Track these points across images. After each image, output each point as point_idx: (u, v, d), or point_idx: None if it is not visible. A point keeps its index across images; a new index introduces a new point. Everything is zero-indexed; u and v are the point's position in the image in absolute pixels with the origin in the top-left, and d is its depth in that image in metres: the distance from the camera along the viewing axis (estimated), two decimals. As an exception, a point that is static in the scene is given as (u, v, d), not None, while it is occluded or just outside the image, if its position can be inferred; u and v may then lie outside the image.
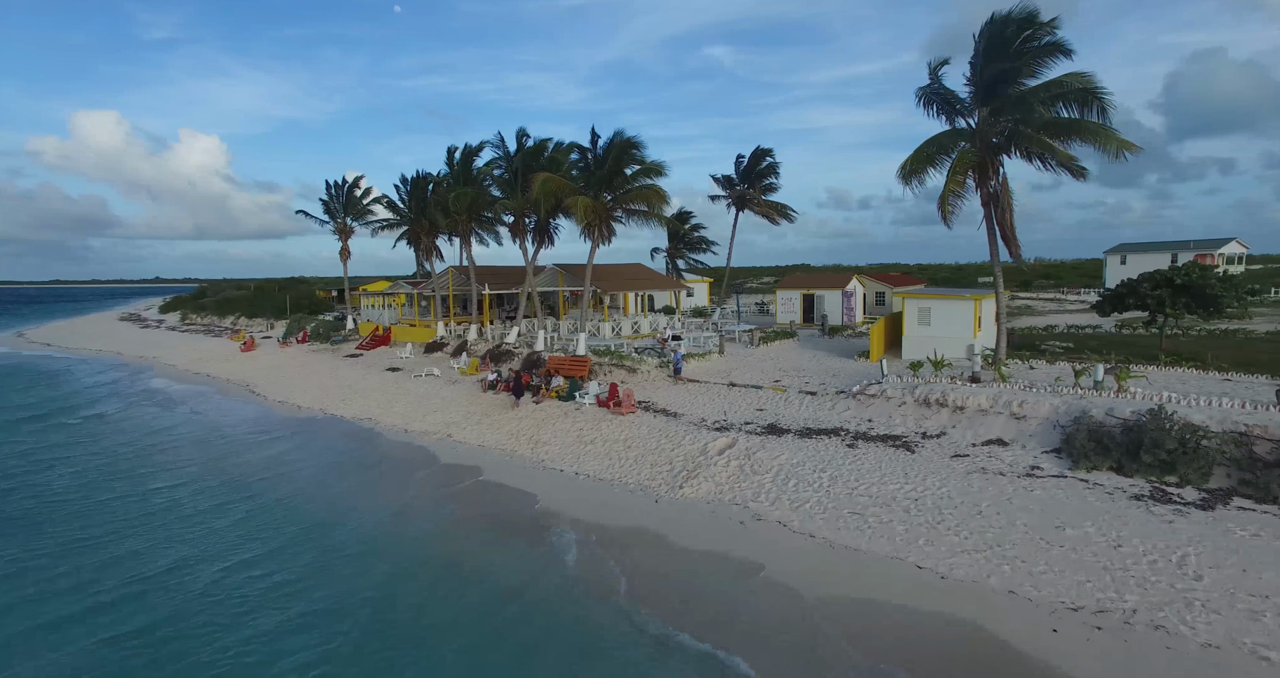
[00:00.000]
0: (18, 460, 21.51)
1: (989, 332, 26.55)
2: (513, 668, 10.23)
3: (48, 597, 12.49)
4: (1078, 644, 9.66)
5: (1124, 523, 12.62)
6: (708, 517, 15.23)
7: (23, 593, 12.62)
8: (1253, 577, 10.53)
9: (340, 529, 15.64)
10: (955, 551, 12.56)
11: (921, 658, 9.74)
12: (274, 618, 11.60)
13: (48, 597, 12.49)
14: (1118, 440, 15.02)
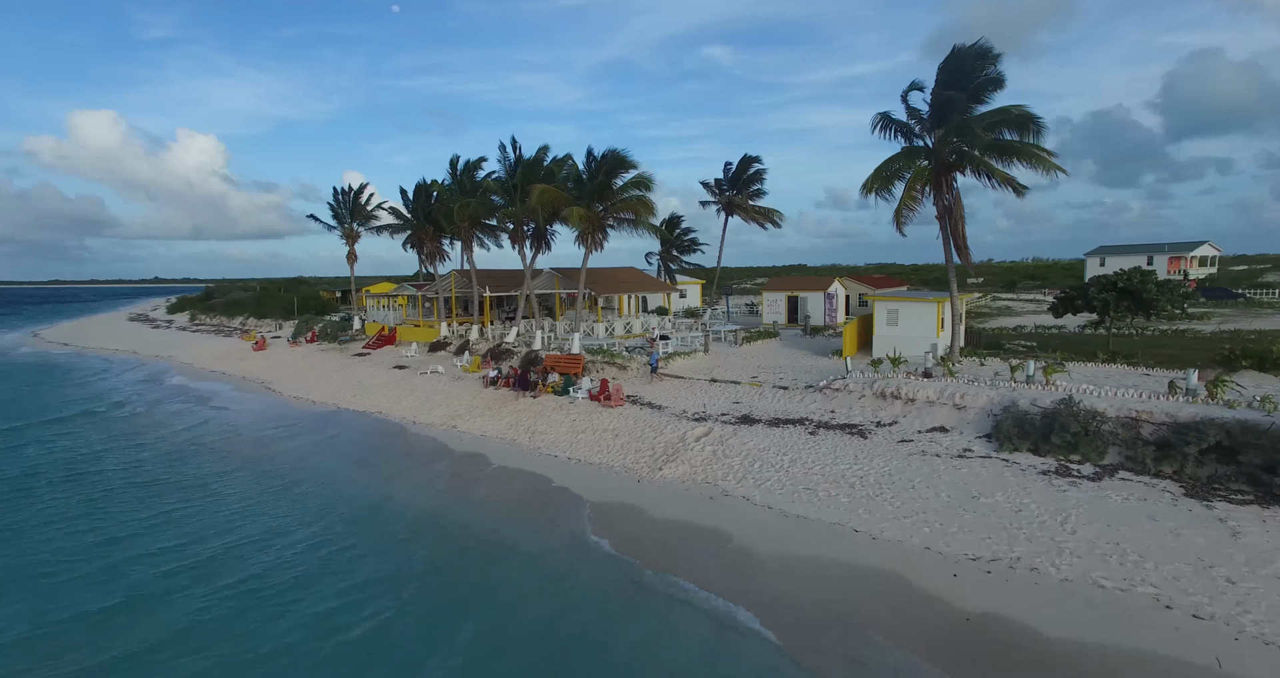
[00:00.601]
0: (76, 453, 23.60)
1: (951, 330, 28.87)
2: (549, 607, 12.55)
3: (135, 571, 14.61)
4: (969, 584, 12.02)
5: (1027, 493, 14.98)
6: (681, 494, 17.57)
7: (111, 568, 14.79)
8: (1112, 530, 12.89)
9: (384, 510, 17.73)
10: (888, 517, 14.91)
11: (848, 597, 12.08)
12: (350, 580, 13.62)
13: (135, 571, 14.61)
14: (1036, 426, 17.37)
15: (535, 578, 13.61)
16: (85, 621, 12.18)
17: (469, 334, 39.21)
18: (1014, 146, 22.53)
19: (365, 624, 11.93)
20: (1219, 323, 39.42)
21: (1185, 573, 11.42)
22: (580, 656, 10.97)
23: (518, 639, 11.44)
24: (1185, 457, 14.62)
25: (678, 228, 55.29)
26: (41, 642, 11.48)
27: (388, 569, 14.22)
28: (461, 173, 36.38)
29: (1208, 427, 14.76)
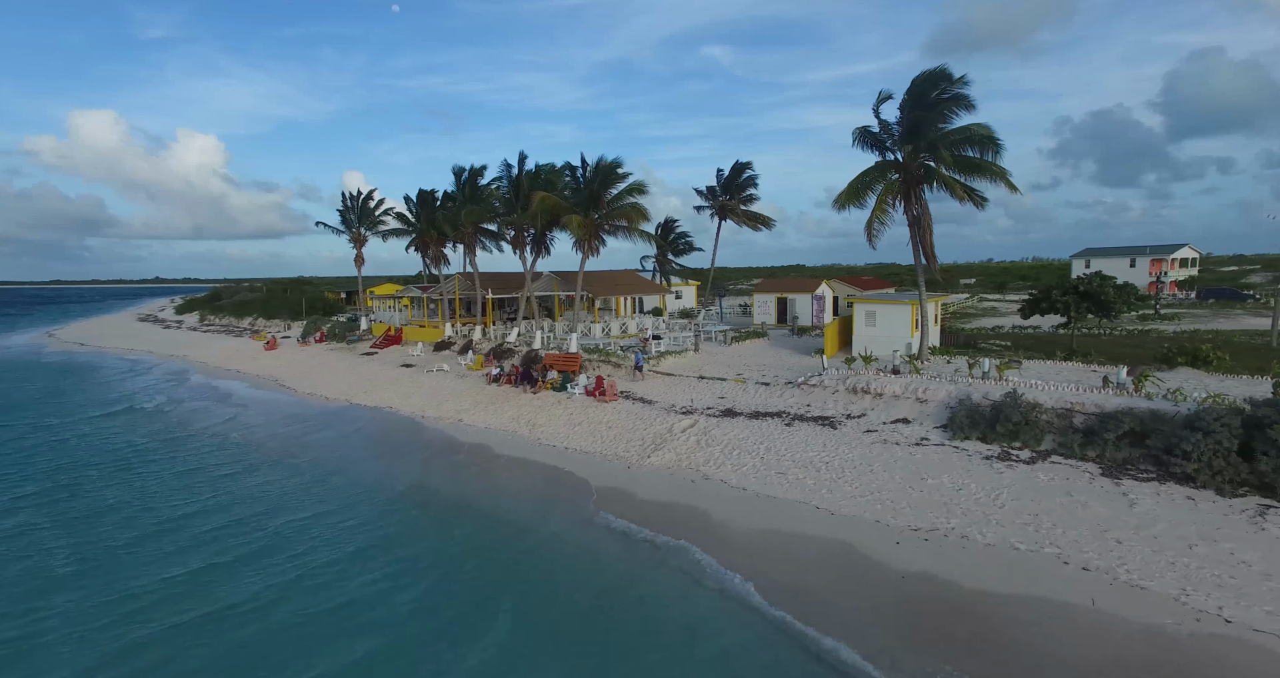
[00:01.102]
0: (128, 445, 25.25)
1: (927, 330, 30.86)
2: (576, 567, 14.60)
3: (198, 549, 16.61)
4: (907, 551, 14.05)
5: (969, 475, 17.02)
6: (667, 478, 19.61)
7: (180, 546, 16.75)
8: (1034, 504, 14.94)
9: (411, 494, 19.68)
10: (846, 496, 16.95)
11: (805, 561, 14.10)
12: (395, 554, 15.59)
13: (198, 549, 16.61)
14: (985, 417, 19.40)
15: (559, 544, 15.68)
16: (168, 586, 14.17)
17: (472, 334, 41.23)
18: (976, 163, 24.56)
19: (416, 588, 13.86)
20: (1189, 324, 41.47)
21: (1085, 537, 13.46)
22: (607, 599, 13.01)
23: (555, 593, 13.48)
24: (1105, 442, 16.66)
25: (673, 231, 57.29)
26: (129, 605, 13.49)
27: (427, 543, 16.28)
28: (465, 182, 38.41)
29: (1125, 416, 16.81)
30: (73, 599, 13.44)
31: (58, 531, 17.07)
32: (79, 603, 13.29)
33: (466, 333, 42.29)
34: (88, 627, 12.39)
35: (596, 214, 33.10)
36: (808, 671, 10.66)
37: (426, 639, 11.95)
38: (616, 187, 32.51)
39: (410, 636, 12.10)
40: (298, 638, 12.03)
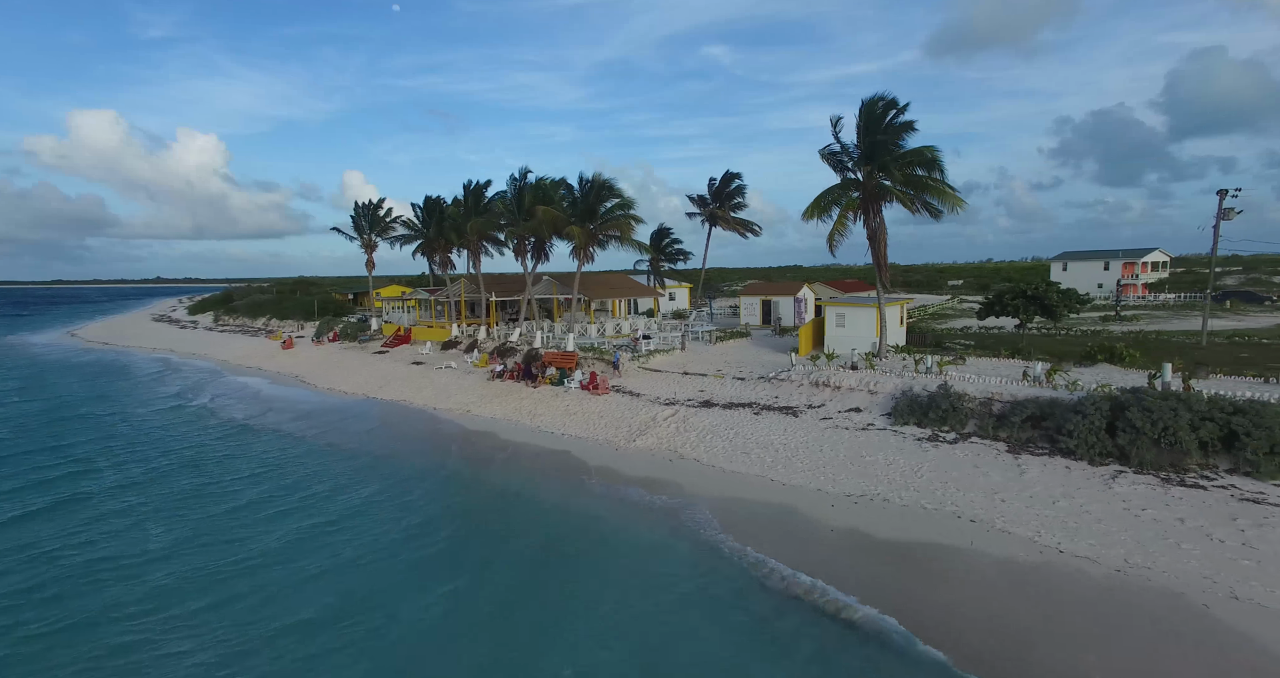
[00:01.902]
0: (188, 439, 28.15)
1: (892, 331, 34.06)
2: (579, 521, 17.84)
3: (279, 520, 19.74)
4: (840, 512, 17.29)
5: (901, 452, 20.25)
6: (649, 458, 22.86)
7: (264, 521, 20.00)
8: (946, 474, 18.18)
9: (435, 472, 22.90)
10: (796, 470, 20.20)
11: (757, 522, 17.31)
12: (424, 515, 18.87)
13: (279, 520, 19.74)
14: (922, 405, 22.62)
15: (562, 505, 18.96)
16: (266, 553, 17.43)
17: (477, 334, 44.46)
18: (924, 182, 27.78)
19: (449, 542, 17.09)
20: (1145, 324, 44.62)
21: (978, 498, 16.71)
22: (604, 542, 16.24)
23: (563, 537, 16.75)
24: (1013, 425, 19.89)
25: (666, 237, 60.47)
26: (251, 562, 16.73)
27: (455, 505, 19.65)
28: (471, 194, 41.67)
29: (1030, 403, 20.03)
30: (199, 558, 16.68)
31: (168, 508, 19.93)
32: (208, 561, 16.54)
33: (472, 333, 45.52)
34: (221, 576, 15.57)
35: (592, 225, 36.34)
36: (754, 577, 13.88)
37: (461, 569, 15.20)
38: (610, 201, 35.76)
39: (446, 565, 15.36)
40: (379, 565, 15.29)
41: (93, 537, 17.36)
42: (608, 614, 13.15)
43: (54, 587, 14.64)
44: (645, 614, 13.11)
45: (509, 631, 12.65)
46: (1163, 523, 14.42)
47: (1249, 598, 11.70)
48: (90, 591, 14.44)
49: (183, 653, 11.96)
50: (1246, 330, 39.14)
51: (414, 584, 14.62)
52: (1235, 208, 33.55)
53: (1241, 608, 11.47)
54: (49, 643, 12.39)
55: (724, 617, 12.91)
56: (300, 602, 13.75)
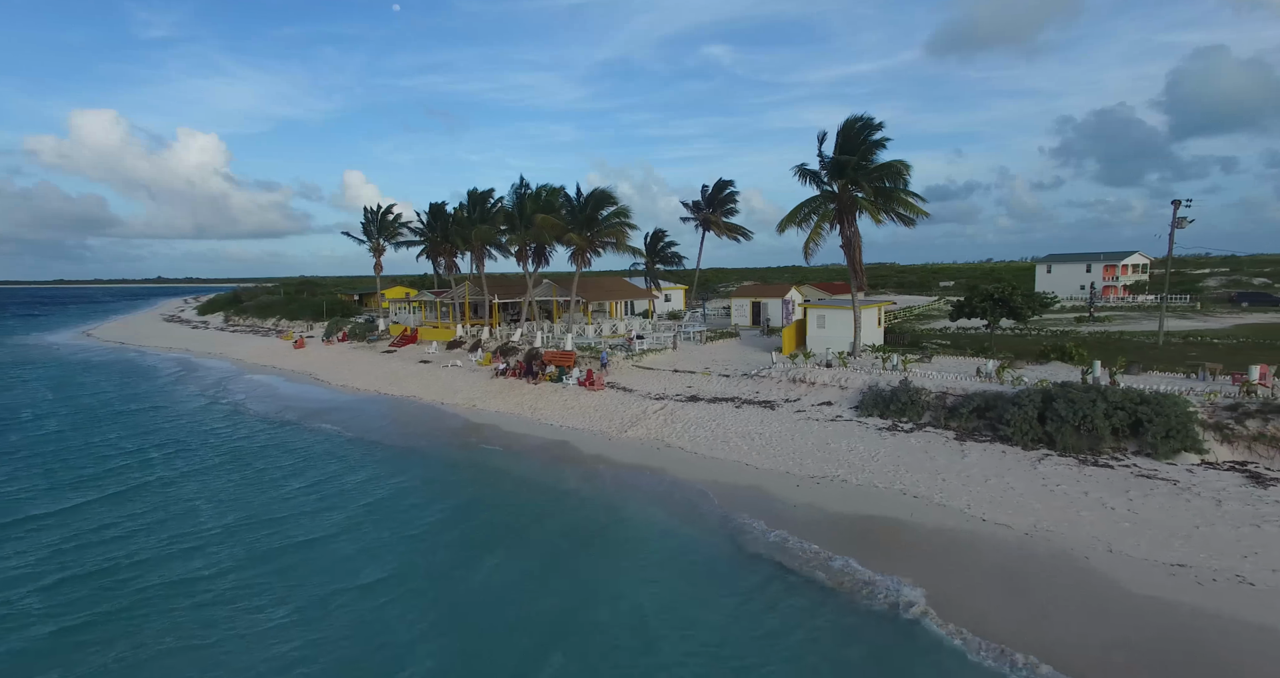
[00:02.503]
0: (218, 433, 30.51)
1: (869, 331, 36.50)
2: (580, 498, 20.31)
3: (321, 504, 22.41)
4: (802, 491, 19.76)
5: (862, 440, 22.71)
6: (639, 447, 25.33)
7: (310, 501, 22.55)
8: (899, 458, 20.66)
9: (449, 460, 25.36)
10: (768, 456, 22.67)
11: (731, 499, 19.74)
12: (450, 501, 21.37)
13: (321, 504, 22.41)
14: (885, 399, 25.08)
15: (562, 486, 21.39)
16: (319, 532, 19.87)
17: (480, 334, 46.93)
18: (893, 193, 30.26)
19: (477, 520, 19.54)
20: (1116, 325, 47.02)
21: (923, 478, 19.18)
22: (601, 513, 18.69)
23: (566, 511, 19.16)
24: (962, 415, 22.36)
25: (661, 240, 62.99)
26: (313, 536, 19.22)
27: (467, 489, 22.07)
28: (475, 202, 44.19)
29: (977, 396, 22.51)
30: (261, 536, 19.15)
31: (224, 494, 22.14)
32: (268, 538, 19.01)
33: (476, 333, 47.99)
34: (283, 550, 17.97)
35: (589, 232, 38.83)
36: (732, 529, 16.33)
37: (493, 541, 17.65)
38: (607, 209, 38.23)
39: (479, 538, 17.82)
40: (422, 539, 17.68)
41: (161, 518, 19.58)
42: (621, 565, 15.62)
43: (140, 555, 16.95)
44: (646, 563, 15.56)
45: (543, 587, 14.95)
46: (1070, 496, 16.90)
47: (1121, 551, 14.18)
48: (168, 560, 16.72)
49: (260, 607, 14.33)
50: (1204, 331, 41.64)
51: (454, 554, 16.95)
52: (1188, 217, 36.11)
53: (1114, 559, 13.94)
54: (146, 600, 14.78)
55: (706, 565, 15.37)
56: (358, 569, 15.84)
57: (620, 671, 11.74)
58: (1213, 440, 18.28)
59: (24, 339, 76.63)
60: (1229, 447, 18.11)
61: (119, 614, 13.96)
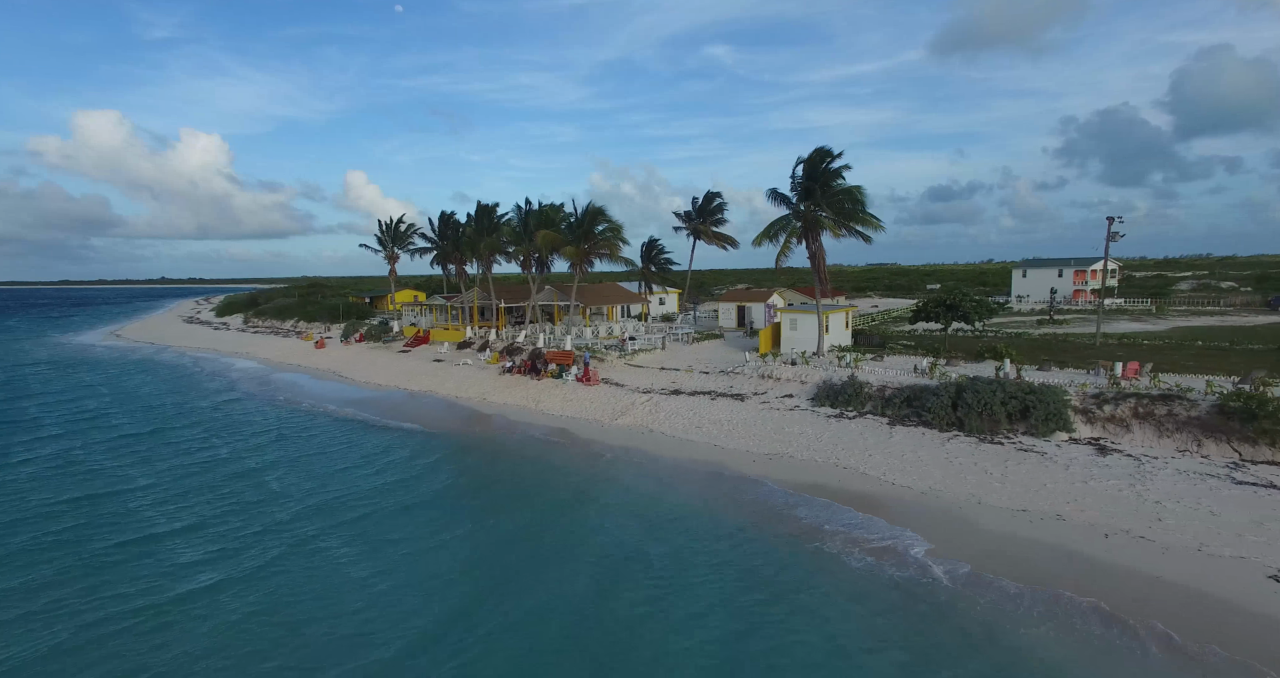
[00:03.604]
0: (264, 423, 35.44)
1: (838, 333, 40.96)
2: (581, 476, 24.80)
3: (370, 478, 26.97)
4: (756, 465, 24.23)
5: (812, 426, 27.18)
6: (627, 432, 29.80)
7: (350, 482, 27.09)
8: (839, 438, 25.13)
9: (469, 444, 29.91)
10: (733, 439, 27.14)
11: (697, 473, 24.24)
12: (469, 479, 26.00)
13: (370, 478, 26.97)
14: (835, 391, 29.54)
15: (562, 463, 25.86)
16: (371, 498, 24.42)
17: (488, 336, 51.44)
18: (852, 214, 34.73)
19: (495, 487, 24.08)
20: (1072, 328, 51.39)
21: (855, 455, 23.65)
22: (594, 484, 23.17)
23: (565, 481, 23.65)
24: (895, 404, 26.82)
25: (655, 249, 67.50)
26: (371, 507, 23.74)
27: (482, 466, 26.55)
28: (485, 215, 48.79)
29: (908, 389, 26.97)
30: (329, 496, 23.70)
31: (286, 465, 27.08)
32: (336, 500, 23.55)
33: (484, 334, 52.51)
34: (348, 508, 22.57)
35: (586, 244, 43.34)
36: (699, 491, 20.78)
37: (497, 500, 22.15)
38: (601, 225, 42.76)
39: (486, 498, 22.32)
40: (453, 502, 22.17)
41: (256, 485, 24.15)
42: (612, 514, 20.08)
43: (239, 510, 21.56)
44: (632, 513, 20.01)
45: (549, 530, 19.43)
46: (964, 466, 21.37)
47: (988, 503, 18.66)
48: (260, 513, 21.33)
49: (345, 541, 18.84)
50: (1144, 333, 46.06)
51: (479, 508, 21.52)
52: (1120, 232, 40.69)
53: (980, 509, 18.43)
54: (256, 536, 19.33)
55: (676, 512, 19.84)
56: (411, 521, 20.35)
57: (627, 577, 16.10)
58: (1080, 422, 22.74)
59: (58, 339, 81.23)
60: (1090, 427, 22.56)
61: (285, 527, 18.51)
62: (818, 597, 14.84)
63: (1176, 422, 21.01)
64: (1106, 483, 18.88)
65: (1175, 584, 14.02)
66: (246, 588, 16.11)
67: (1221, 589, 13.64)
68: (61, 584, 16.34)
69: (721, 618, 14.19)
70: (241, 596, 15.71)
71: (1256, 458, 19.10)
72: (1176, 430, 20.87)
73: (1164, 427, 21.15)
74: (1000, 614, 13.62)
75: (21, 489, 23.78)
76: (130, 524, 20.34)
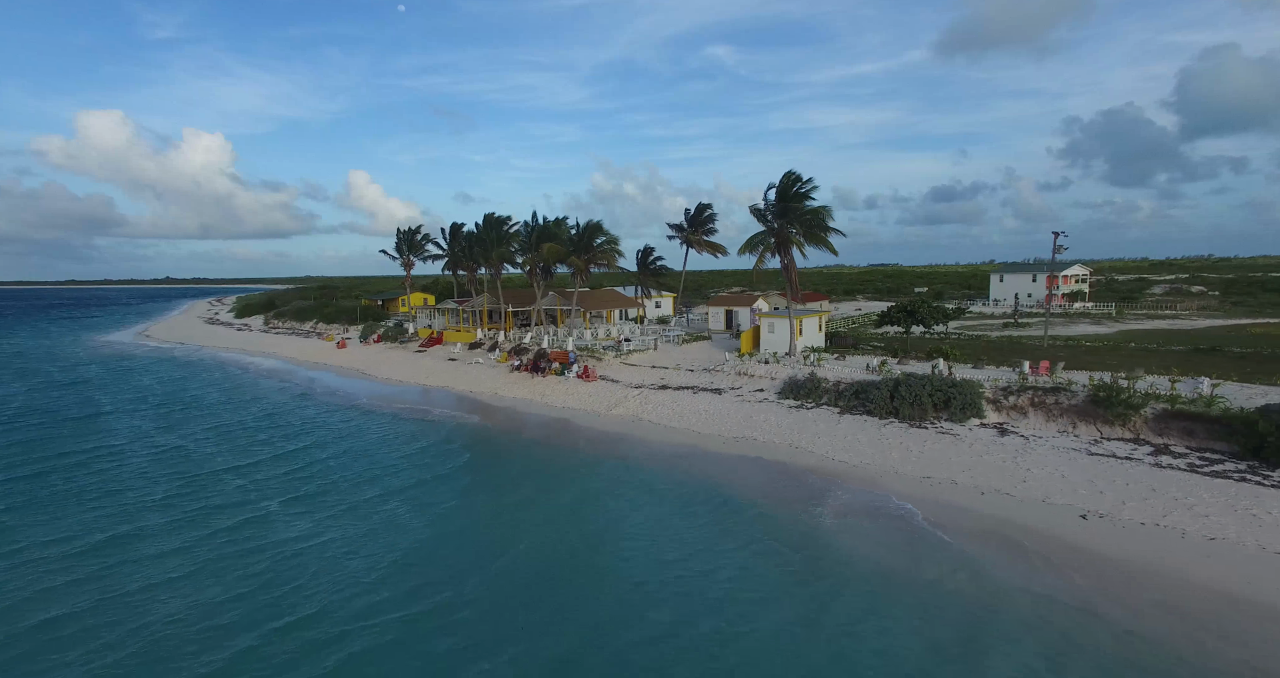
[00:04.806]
0: (303, 414, 40.79)
1: (811, 335, 45.85)
2: (582, 457, 29.78)
3: (406, 460, 32.01)
4: (726, 445, 29.15)
5: (775, 415, 32.08)
6: (620, 421, 34.74)
7: (385, 466, 32.13)
8: (797, 425, 30.03)
9: (485, 433, 35.01)
10: (709, 426, 32.07)
11: (677, 453, 29.19)
12: (482, 457, 31.03)
13: (406, 460, 32.01)
14: (800, 386, 34.44)
15: (564, 448, 30.81)
16: (409, 476, 29.42)
17: (497, 337, 56.41)
18: (816, 234, 39.63)
19: (502, 464, 29.07)
20: (1033, 330, 56.15)
21: (808, 437, 28.55)
22: (589, 465, 28.10)
23: (565, 461, 28.60)
24: (846, 397, 31.72)
25: (651, 257, 72.44)
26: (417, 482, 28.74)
27: (496, 449, 31.53)
28: (494, 227, 53.82)
29: (857, 383, 31.86)
30: (379, 470, 28.68)
31: (335, 448, 32.17)
32: (386, 474, 28.54)
33: (493, 336, 57.48)
34: (395, 482, 27.54)
35: (585, 256, 48.30)
36: (676, 466, 25.69)
37: (509, 476, 27.09)
38: (599, 238, 47.72)
39: (499, 473, 27.26)
40: (478, 473, 27.13)
41: (311, 473, 29.29)
42: (605, 485, 25.00)
43: (310, 483, 26.55)
44: (623, 485, 24.92)
45: (553, 498, 24.40)
46: (890, 444, 26.28)
47: (900, 473, 23.59)
48: (320, 491, 26.30)
49: (392, 508, 23.79)
50: (1092, 336, 50.84)
51: (492, 482, 26.51)
52: (1064, 245, 45.65)
53: (895, 476, 23.36)
54: (316, 515, 24.28)
55: (656, 483, 24.76)
56: (441, 490, 25.36)
57: (616, 525, 21.02)
58: (990, 410, 27.63)
59: (90, 339, 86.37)
60: (998, 413, 27.46)
61: (342, 485, 23.47)
62: (745, 521, 19.78)
63: (1061, 409, 25.90)
64: (997, 457, 23.79)
65: (1015, 523, 18.96)
66: (338, 533, 21.09)
67: (1045, 525, 18.58)
68: (238, 530, 21.36)
69: (682, 536, 19.13)
70: (334, 541, 20.65)
71: (1110, 436, 23.99)
72: (1060, 415, 25.77)
73: (1051, 413, 26.05)
74: (868, 535, 18.57)
75: (176, 468, 28.75)
76: (244, 499, 25.41)
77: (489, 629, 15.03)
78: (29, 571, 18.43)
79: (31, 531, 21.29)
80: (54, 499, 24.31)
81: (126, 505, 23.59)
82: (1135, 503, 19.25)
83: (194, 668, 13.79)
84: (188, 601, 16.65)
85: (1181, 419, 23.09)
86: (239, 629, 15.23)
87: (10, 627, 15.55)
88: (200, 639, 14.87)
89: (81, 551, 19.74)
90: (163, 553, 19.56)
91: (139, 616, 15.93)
